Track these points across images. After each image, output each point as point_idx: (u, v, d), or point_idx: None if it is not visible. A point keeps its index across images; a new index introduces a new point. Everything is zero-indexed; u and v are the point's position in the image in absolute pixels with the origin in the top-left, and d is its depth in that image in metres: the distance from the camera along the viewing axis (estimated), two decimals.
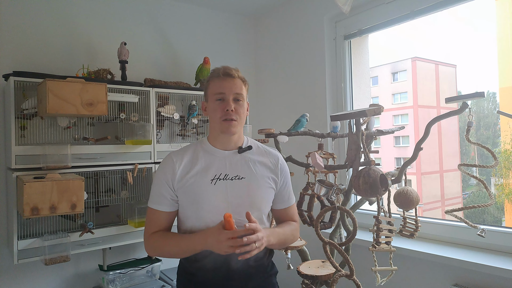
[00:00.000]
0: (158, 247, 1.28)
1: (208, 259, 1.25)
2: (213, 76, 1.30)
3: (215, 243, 1.14)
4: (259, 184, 1.30)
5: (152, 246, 1.29)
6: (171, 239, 1.27)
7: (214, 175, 1.26)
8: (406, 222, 1.52)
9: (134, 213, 2.10)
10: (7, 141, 1.97)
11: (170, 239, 1.27)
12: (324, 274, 1.65)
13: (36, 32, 2.18)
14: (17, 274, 2.07)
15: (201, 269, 1.28)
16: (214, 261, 1.25)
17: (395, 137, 11.70)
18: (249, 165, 1.31)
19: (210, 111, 1.31)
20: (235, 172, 1.28)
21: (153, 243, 1.28)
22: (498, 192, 4.29)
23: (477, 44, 20.68)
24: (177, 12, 2.74)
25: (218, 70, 1.30)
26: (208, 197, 1.24)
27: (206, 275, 1.27)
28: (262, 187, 1.31)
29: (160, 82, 2.36)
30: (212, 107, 1.28)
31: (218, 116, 1.27)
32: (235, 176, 1.28)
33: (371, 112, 1.37)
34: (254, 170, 1.31)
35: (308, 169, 1.76)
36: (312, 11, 2.58)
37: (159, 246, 1.27)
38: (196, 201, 1.25)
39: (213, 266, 1.26)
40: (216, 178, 1.26)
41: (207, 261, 1.26)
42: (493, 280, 1.62)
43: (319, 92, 2.53)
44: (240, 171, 1.29)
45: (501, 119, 5.21)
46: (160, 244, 1.27)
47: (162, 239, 1.27)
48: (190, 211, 1.27)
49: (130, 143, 2.12)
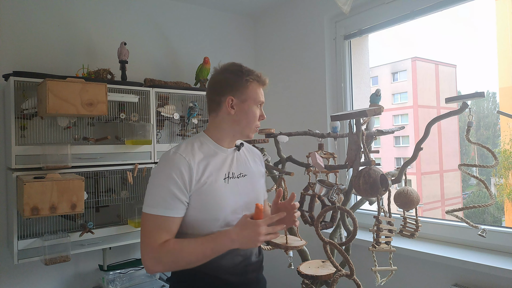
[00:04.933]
0: (173, 257, 1.12)
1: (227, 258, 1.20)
2: (256, 81, 1.28)
3: (253, 235, 1.10)
4: (257, 179, 1.35)
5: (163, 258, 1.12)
6: (189, 246, 1.13)
7: (225, 174, 1.25)
8: (406, 222, 1.52)
9: (134, 213, 2.10)
10: (7, 141, 1.97)
11: (187, 246, 1.13)
12: (324, 274, 1.65)
13: (36, 32, 2.18)
14: (17, 274, 2.07)
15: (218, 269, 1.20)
16: (233, 258, 1.22)
17: (395, 137, 11.70)
18: (246, 162, 1.34)
19: (245, 113, 1.26)
20: (239, 170, 1.29)
21: (166, 254, 1.12)
22: (498, 192, 4.29)
23: (477, 44, 20.68)
24: (177, 12, 2.74)
25: (261, 77, 1.29)
26: (226, 197, 1.22)
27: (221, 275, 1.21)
28: (259, 182, 1.37)
29: (160, 82, 2.36)
30: (253, 111, 1.27)
31: (253, 121, 1.28)
32: (240, 174, 1.29)
33: (371, 112, 1.37)
34: (251, 166, 1.35)
35: (308, 169, 1.76)
36: (312, 11, 2.58)
37: (175, 256, 1.12)
38: (215, 202, 1.19)
39: (232, 263, 1.23)
40: (227, 177, 1.25)
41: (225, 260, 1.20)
42: (493, 280, 1.62)
43: (319, 92, 2.53)
44: (242, 168, 1.31)
45: (501, 119, 5.21)
46: (176, 254, 1.12)
47: (178, 247, 1.12)
48: (207, 214, 1.19)
49: (130, 143, 2.12)
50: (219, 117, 1.28)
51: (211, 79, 1.31)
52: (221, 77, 1.29)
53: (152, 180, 1.18)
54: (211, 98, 1.29)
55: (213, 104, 1.28)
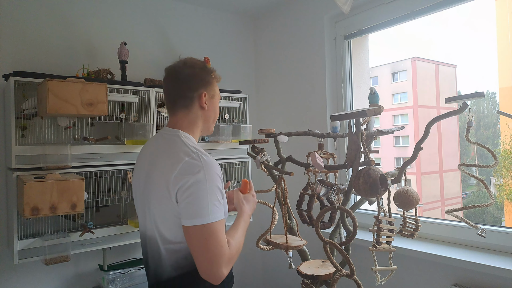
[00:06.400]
0: (239, 249, 1.19)
1: None
2: (217, 78, 1.35)
3: (254, 203, 1.39)
4: None
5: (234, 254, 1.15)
6: (237, 237, 1.20)
7: None
8: (406, 222, 1.52)
9: (134, 213, 2.10)
10: (7, 141, 1.97)
11: (236, 237, 1.20)
12: (324, 273, 1.65)
13: (36, 32, 2.18)
14: (17, 274, 2.07)
15: None
16: None
17: (395, 137, 11.71)
18: None
19: (213, 108, 1.33)
20: None
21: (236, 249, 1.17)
22: (498, 192, 4.29)
23: (477, 44, 20.68)
24: (177, 12, 2.74)
25: (218, 75, 1.36)
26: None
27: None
28: None
29: (160, 82, 2.37)
30: (217, 107, 1.35)
31: (215, 117, 1.36)
32: None
33: (371, 112, 1.37)
34: None
35: (308, 169, 1.76)
36: (312, 11, 2.58)
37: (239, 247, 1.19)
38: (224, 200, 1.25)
39: None
40: None
41: None
42: (493, 280, 1.62)
43: (319, 92, 2.53)
44: None
45: (501, 119, 5.22)
46: (238, 245, 1.19)
47: (235, 238, 1.18)
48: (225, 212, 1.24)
49: (130, 143, 2.12)
50: (192, 113, 1.26)
51: (179, 74, 1.26)
52: (192, 72, 1.26)
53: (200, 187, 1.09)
54: (182, 94, 1.25)
55: (185, 100, 1.25)
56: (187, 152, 1.15)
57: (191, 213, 1.08)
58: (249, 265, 3.03)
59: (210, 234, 1.08)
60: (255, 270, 3.08)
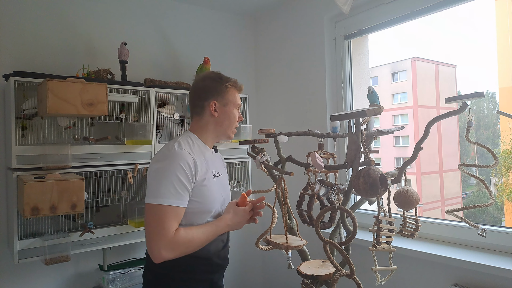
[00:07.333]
0: (186, 245, 1.24)
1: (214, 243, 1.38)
2: (233, 87, 1.46)
3: (242, 220, 1.39)
4: (226, 178, 1.56)
5: (177, 246, 1.22)
6: (197, 234, 1.28)
7: (213, 171, 1.41)
8: (406, 222, 1.52)
9: (134, 213, 2.10)
10: (7, 141, 1.97)
11: (196, 234, 1.28)
12: (324, 273, 1.65)
13: (36, 32, 2.18)
14: (17, 274, 2.07)
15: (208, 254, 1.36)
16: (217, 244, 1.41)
17: (395, 137, 11.72)
18: (218, 163, 1.52)
19: (227, 115, 1.43)
20: (218, 169, 1.47)
21: (180, 242, 1.23)
22: (498, 192, 4.30)
23: (477, 44, 20.68)
24: (177, 12, 2.74)
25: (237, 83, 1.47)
26: (217, 192, 1.40)
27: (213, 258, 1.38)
28: (227, 180, 1.58)
29: (160, 82, 2.37)
30: (233, 113, 1.45)
31: (234, 122, 1.46)
32: (218, 173, 1.46)
33: (371, 112, 1.37)
34: (221, 167, 1.54)
35: (308, 169, 1.76)
36: (312, 11, 2.58)
37: (188, 244, 1.24)
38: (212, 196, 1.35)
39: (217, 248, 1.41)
40: (214, 175, 1.41)
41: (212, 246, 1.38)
42: (493, 280, 1.62)
43: (319, 92, 2.53)
44: (218, 168, 1.48)
45: (501, 119, 5.22)
46: (188, 242, 1.24)
47: (190, 235, 1.25)
48: (204, 206, 1.33)
49: (130, 143, 2.12)
50: (203, 120, 1.42)
51: (193, 87, 1.46)
52: (203, 84, 1.43)
53: (160, 172, 1.25)
54: (195, 104, 1.43)
55: (197, 109, 1.43)
56: (171, 144, 1.33)
57: (147, 193, 1.25)
58: (249, 265, 3.03)
59: (156, 214, 1.21)
60: (255, 270, 3.08)
